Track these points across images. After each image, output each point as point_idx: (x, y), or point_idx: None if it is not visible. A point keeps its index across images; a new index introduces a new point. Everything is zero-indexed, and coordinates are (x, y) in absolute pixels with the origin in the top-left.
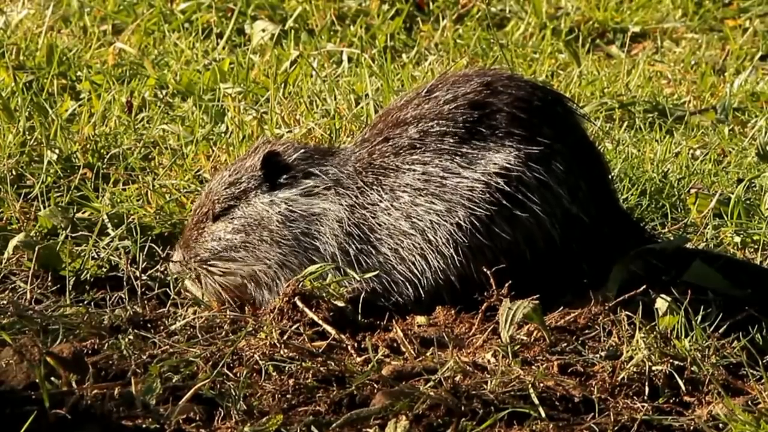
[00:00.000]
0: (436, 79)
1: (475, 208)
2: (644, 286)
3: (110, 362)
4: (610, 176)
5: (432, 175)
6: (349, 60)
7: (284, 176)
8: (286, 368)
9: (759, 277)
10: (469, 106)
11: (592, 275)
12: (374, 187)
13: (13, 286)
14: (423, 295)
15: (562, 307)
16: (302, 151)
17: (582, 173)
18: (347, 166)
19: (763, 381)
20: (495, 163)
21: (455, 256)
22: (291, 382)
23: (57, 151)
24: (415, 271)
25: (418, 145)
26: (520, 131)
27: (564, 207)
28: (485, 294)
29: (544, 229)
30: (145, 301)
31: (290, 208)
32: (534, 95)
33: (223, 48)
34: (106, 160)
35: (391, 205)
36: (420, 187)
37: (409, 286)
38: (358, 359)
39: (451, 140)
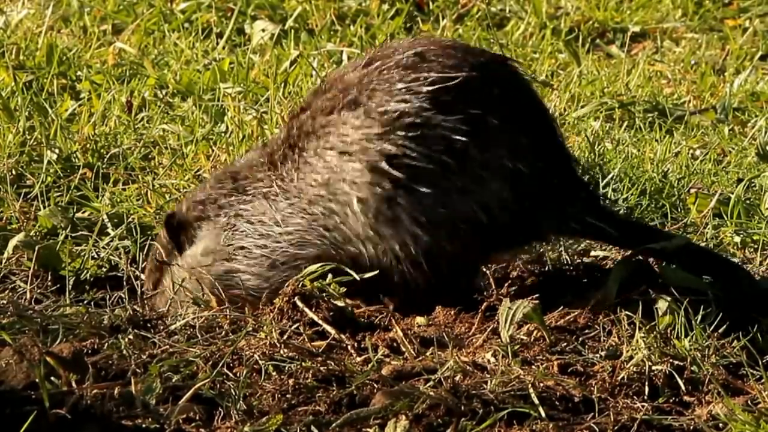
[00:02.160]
0: (374, 50)
1: (420, 182)
2: (644, 286)
3: (110, 362)
4: (558, 129)
5: (356, 141)
6: (349, 60)
7: (182, 234)
8: (286, 368)
9: (718, 264)
10: (400, 75)
11: (551, 228)
12: (291, 162)
13: (13, 286)
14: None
15: (562, 307)
16: (188, 200)
17: (522, 128)
18: (246, 172)
19: (763, 381)
20: (430, 135)
21: (418, 231)
22: (291, 381)
23: (57, 150)
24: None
25: (352, 107)
26: (454, 98)
27: (506, 166)
28: (463, 273)
29: (494, 191)
30: (145, 301)
31: (198, 262)
32: (465, 61)
33: (223, 48)
34: (106, 159)
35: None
36: (343, 150)
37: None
38: (358, 359)
39: (383, 109)
